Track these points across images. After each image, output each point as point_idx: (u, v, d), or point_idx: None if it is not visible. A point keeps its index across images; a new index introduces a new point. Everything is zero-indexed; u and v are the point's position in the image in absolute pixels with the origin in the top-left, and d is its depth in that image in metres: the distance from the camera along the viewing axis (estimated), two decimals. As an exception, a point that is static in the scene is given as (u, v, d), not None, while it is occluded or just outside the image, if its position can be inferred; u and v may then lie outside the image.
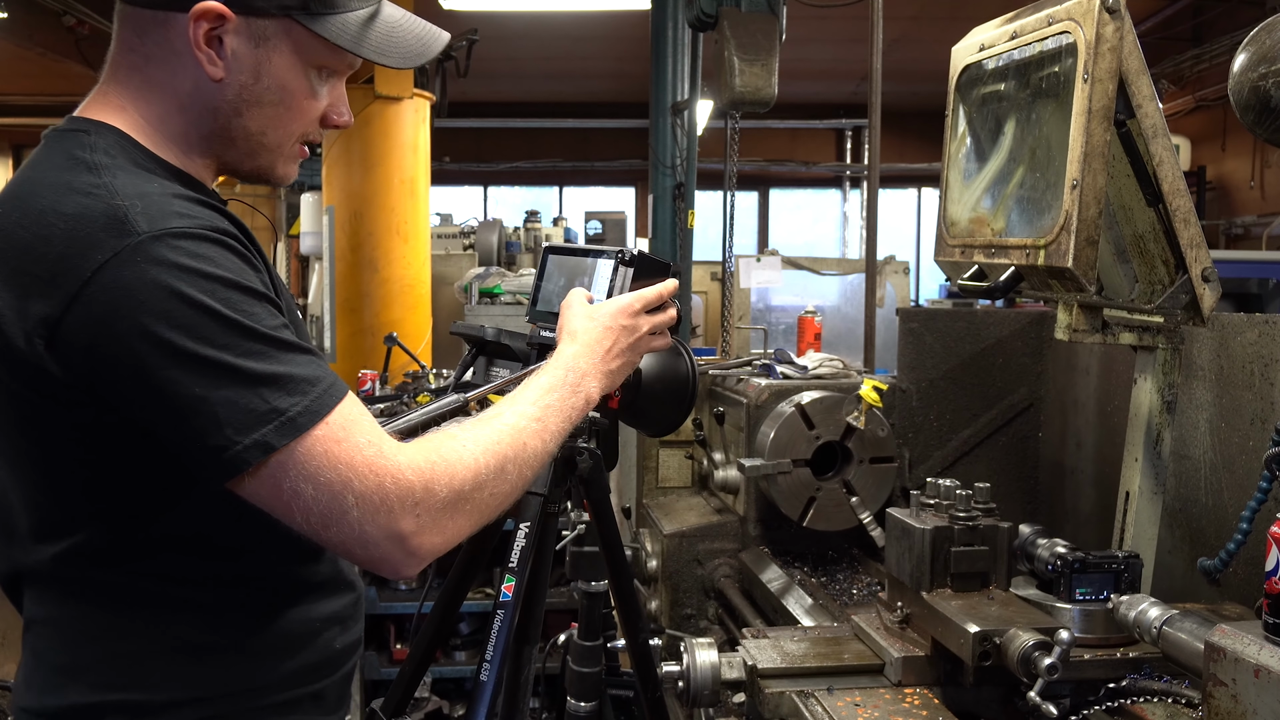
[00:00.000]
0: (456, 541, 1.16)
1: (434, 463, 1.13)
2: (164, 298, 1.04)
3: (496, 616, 1.75)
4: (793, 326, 6.99)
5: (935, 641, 1.75)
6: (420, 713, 4.32)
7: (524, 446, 1.23)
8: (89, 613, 1.18)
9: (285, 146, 1.28)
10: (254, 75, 1.21)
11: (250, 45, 1.20)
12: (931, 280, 11.40)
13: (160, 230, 1.07)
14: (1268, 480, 1.78)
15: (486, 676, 1.73)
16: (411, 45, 1.31)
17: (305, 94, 1.26)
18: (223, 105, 1.22)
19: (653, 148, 5.91)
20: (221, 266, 1.09)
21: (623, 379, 1.50)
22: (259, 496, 1.08)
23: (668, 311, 1.56)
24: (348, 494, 1.07)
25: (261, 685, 1.23)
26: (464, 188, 14.24)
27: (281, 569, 1.26)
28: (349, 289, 6.15)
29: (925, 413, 3.01)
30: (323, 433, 1.08)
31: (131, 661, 1.18)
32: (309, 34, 1.21)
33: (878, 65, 4.26)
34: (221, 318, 1.06)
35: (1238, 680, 1.32)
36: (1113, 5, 1.69)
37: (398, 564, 1.11)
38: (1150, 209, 1.84)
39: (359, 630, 1.38)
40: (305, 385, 1.09)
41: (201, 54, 1.18)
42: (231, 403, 1.05)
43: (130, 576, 1.17)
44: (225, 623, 1.21)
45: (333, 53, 1.24)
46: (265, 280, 1.15)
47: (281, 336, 1.10)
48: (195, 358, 1.04)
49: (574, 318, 1.49)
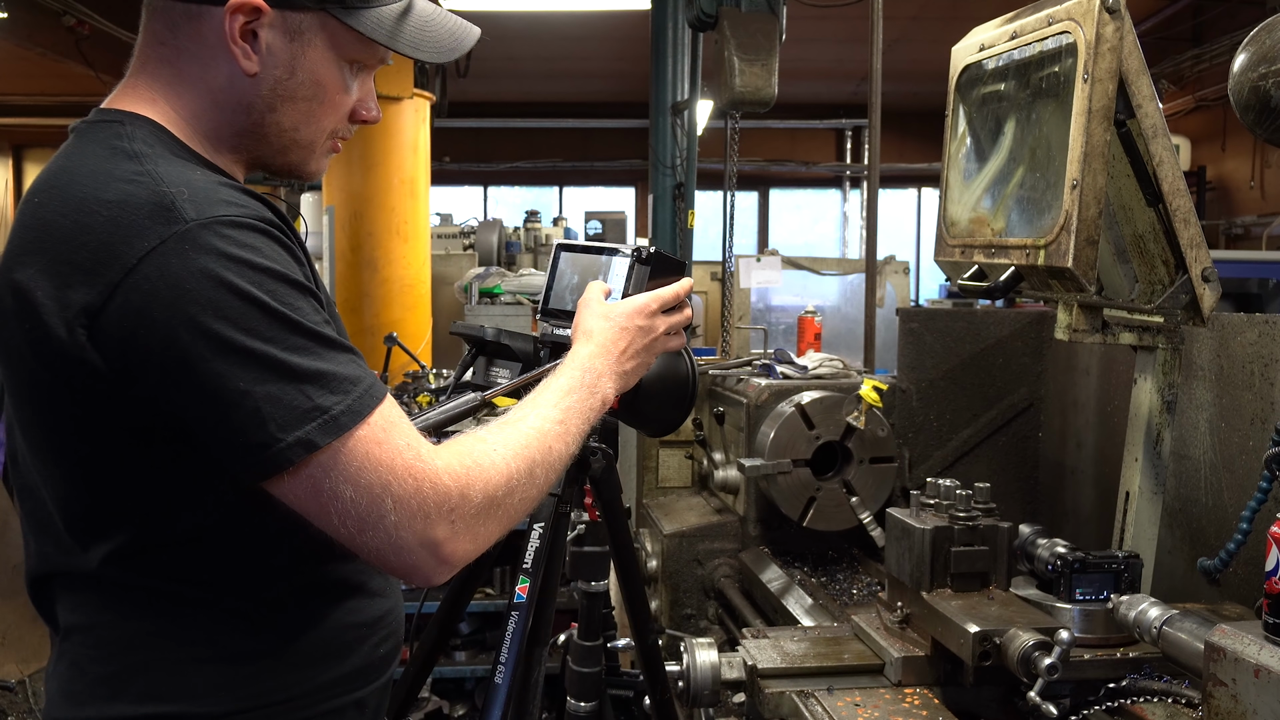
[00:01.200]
0: (486, 547, 1.14)
1: (468, 468, 1.10)
2: (212, 288, 1.02)
3: (511, 618, 1.73)
4: (793, 326, 6.99)
5: (935, 641, 1.75)
6: (420, 713, 4.32)
7: (549, 450, 1.22)
8: (130, 620, 1.15)
9: (318, 143, 1.27)
10: (289, 70, 1.20)
11: (285, 39, 1.18)
12: (931, 280, 11.41)
13: (208, 218, 1.05)
14: (1268, 480, 1.78)
15: (501, 679, 1.70)
16: (444, 40, 1.30)
17: (338, 89, 1.24)
18: (256, 100, 1.20)
19: (653, 148, 5.92)
20: (268, 258, 1.06)
21: (637, 379, 1.48)
22: (296, 497, 1.05)
23: (683, 311, 1.54)
24: (386, 498, 1.04)
25: (306, 692, 1.21)
26: (464, 188, 14.24)
27: (322, 573, 1.23)
28: (349, 289, 6.15)
29: (925, 413, 3.01)
30: (364, 433, 1.05)
31: (176, 671, 1.15)
32: (343, 28, 1.20)
33: (878, 65, 4.26)
34: (269, 310, 1.04)
35: (1238, 680, 1.32)
36: (1113, 5, 1.68)
37: (429, 572, 1.09)
38: (1150, 209, 1.84)
39: (400, 637, 1.35)
40: (348, 384, 1.06)
41: (236, 48, 1.16)
42: (275, 398, 1.02)
43: (170, 582, 1.14)
44: (268, 629, 1.18)
45: (366, 47, 1.23)
46: (307, 273, 1.13)
47: (325, 332, 1.08)
48: (241, 350, 1.02)
49: (590, 317, 1.47)
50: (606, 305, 1.48)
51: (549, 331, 1.74)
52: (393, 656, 1.34)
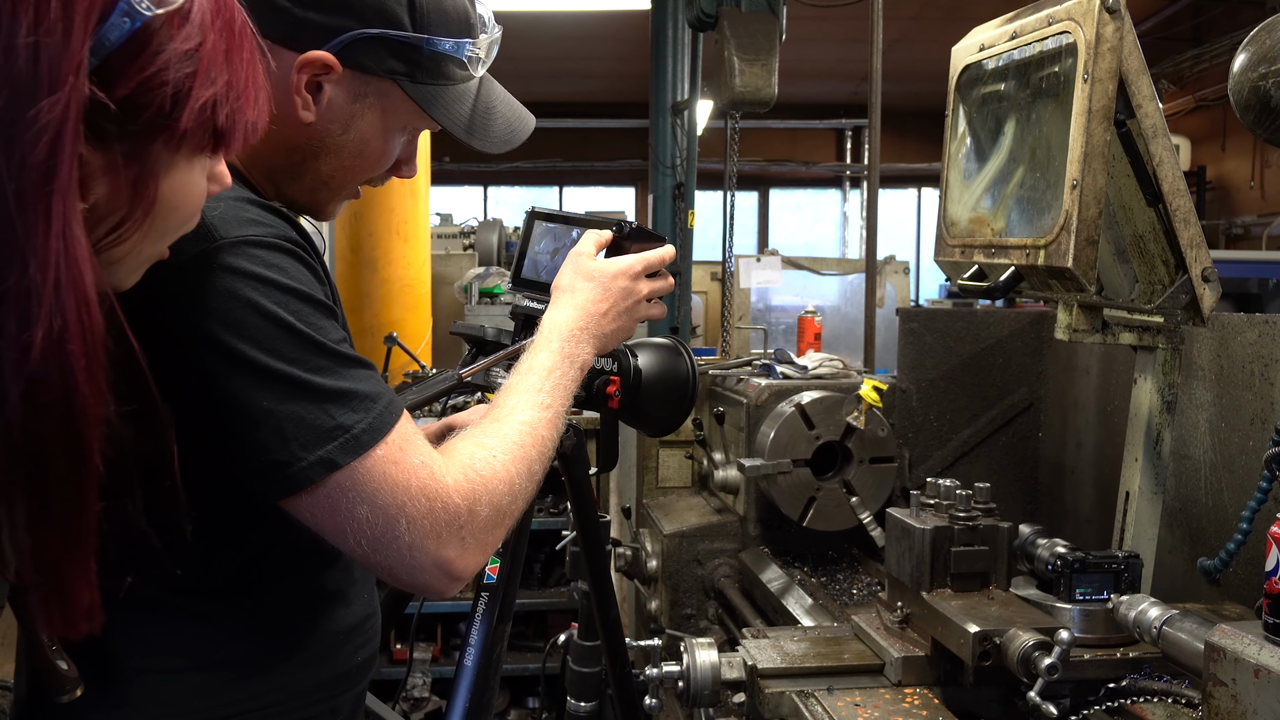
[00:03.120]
0: (493, 553, 1.16)
1: (474, 482, 1.11)
2: (238, 307, 1.03)
3: (481, 599, 1.72)
4: (793, 326, 6.99)
5: (935, 641, 1.75)
6: (420, 713, 4.32)
7: (541, 440, 1.22)
8: (105, 628, 1.14)
9: (346, 190, 1.28)
10: (343, 127, 1.20)
11: (347, 99, 1.19)
12: (931, 280, 11.41)
13: (236, 238, 1.05)
14: (1268, 480, 1.78)
15: (470, 661, 1.69)
16: (500, 130, 1.31)
17: (384, 151, 1.26)
18: (302, 145, 1.20)
19: (653, 148, 5.92)
20: (294, 278, 1.07)
21: (615, 344, 1.45)
22: (313, 515, 1.06)
23: (665, 279, 1.51)
24: (401, 518, 1.05)
25: (283, 700, 1.20)
26: (464, 188, 14.24)
27: (300, 582, 1.23)
28: (349, 289, 6.14)
29: (925, 413, 3.01)
30: (382, 452, 1.06)
31: (151, 680, 1.14)
32: (405, 99, 1.21)
33: (878, 65, 4.26)
34: (293, 331, 1.05)
35: (1238, 680, 1.32)
36: (1113, 5, 1.68)
37: (442, 588, 1.10)
38: (1150, 209, 1.84)
39: (376, 644, 1.36)
40: (368, 402, 1.07)
41: (299, 97, 1.16)
42: (298, 418, 1.03)
43: (147, 590, 1.14)
44: (245, 638, 1.18)
45: (423, 118, 1.24)
46: (327, 291, 1.13)
47: (345, 351, 1.09)
48: (266, 370, 1.03)
49: (573, 273, 1.43)
50: (588, 263, 1.45)
51: (521, 303, 1.69)
52: (370, 663, 1.34)
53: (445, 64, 1.23)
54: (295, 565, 1.21)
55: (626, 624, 3.85)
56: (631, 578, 3.20)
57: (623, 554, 3.13)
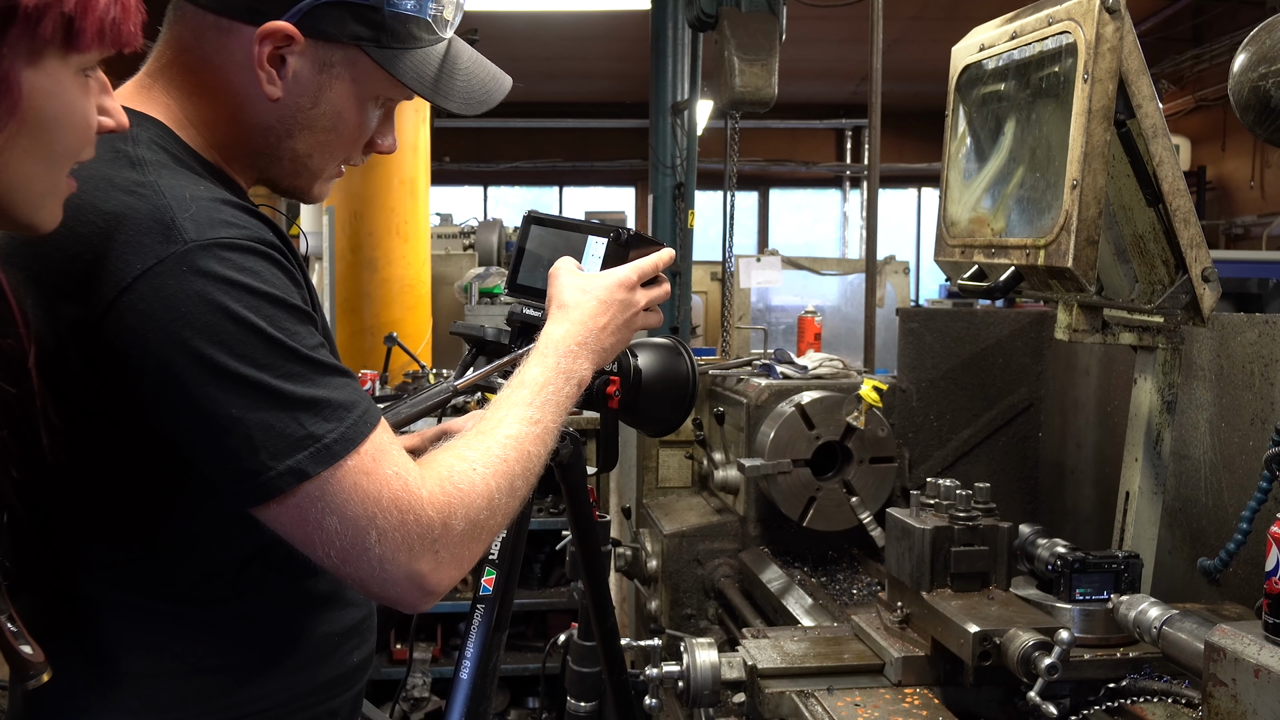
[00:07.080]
0: (471, 567, 1.13)
1: (450, 495, 1.08)
2: (208, 312, 1.00)
3: (476, 611, 1.69)
4: (793, 326, 6.99)
5: (935, 641, 1.75)
6: (420, 713, 4.32)
7: (528, 455, 1.18)
8: (101, 632, 1.14)
9: (328, 170, 1.26)
10: (312, 100, 1.18)
11: (314, 70, 1.16)
12: (931, 280, 11.42)
13: (208, 239, 1.03)
14: (1268, 480, 1.78)
15: (466, 674, 1.68)
16: (475, 91, 1.28)
17: (358, 123, 1.23)
18: (274, 124, 1.18)
19: (653, 148, 5.92)
20: (268, 282, 1.04)
21: (614, 357, 1.41)
22: (282, 524, 1.04)
23: (662, 285, 1.46)
24: (371, 530, 1.03)
25: (280, 703, 1.20)
26: (464, 188, 14.23)
27: (296, 585, 1.22)
28: (349, 289, 6.14)
29: (925, 413, 3.01)
30: (354, 463, 1.03)
31: (147, 684, 1.14)
32: (374, 65, 1.18)
33: (878, 65, 4.26)
34: (265, 336, 1.02)
35: (1238, 680, 1.32)
36: (1113, 5, 1.68)
37: (414, 602, 1.08)
38: (1150, 209, 1.84)
39: (373, 645, 1.35)
40: (341, 411, 1.04)
41: (262, 72, 1.14)
42: (268, 426, 1.01)
43: (141, 595, 1.13)
44: (241, 641, 1.18)
45: (394, 86, 1.22)
46: (305, 296, 1.11)
47: (320, 358, 1.06)
48: (235, 377, 1.00)
49: (565, 289, 1.38)
50: (584, 277, 1.40)
51: (518, 310, 1.66)
52: (366, 664, 1.33)
53: (410, 25, 1.19)
54: (290, 569, 1.19)
55: (627, 624, 3.85)
56: (631, 578, 3.20)
57: (623, 554, 3.13)
